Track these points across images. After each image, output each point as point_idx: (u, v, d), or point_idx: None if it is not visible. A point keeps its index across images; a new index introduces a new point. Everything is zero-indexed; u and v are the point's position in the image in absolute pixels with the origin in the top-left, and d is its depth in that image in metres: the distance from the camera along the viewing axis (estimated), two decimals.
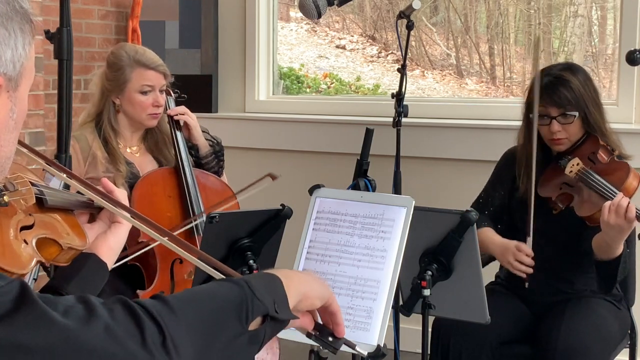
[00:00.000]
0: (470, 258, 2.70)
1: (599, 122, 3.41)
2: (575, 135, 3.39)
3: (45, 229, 1.89)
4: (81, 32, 5.51)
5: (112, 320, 1.27)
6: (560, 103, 3.33)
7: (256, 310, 1.46)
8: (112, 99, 3.71)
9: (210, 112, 5.48)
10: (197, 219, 3.50)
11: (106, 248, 2.07)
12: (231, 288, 1.48)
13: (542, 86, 3.35)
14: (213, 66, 5.60)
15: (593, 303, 3.38)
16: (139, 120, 3.72)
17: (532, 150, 3.35)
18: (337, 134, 5.11)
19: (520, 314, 3.48)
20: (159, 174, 3.70)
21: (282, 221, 2.74)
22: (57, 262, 1.94)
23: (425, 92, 5.88)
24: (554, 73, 3.40)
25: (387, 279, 2.14)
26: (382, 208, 2.24)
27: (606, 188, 3.22)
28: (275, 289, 1.54)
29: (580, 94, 3.35)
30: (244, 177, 4.93)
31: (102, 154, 3.64)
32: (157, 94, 3.70)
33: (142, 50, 3.77)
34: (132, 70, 3.68)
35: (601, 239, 3.18)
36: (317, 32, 6.49)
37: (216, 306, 1.43)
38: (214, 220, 2.60)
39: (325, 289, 1.68)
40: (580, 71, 3.45)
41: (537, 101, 3.31)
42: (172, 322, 1.32)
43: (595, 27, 5.60)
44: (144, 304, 1.33)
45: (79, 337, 1.22)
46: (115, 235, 2.10)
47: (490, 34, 5.87)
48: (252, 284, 1.49)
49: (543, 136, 3.43)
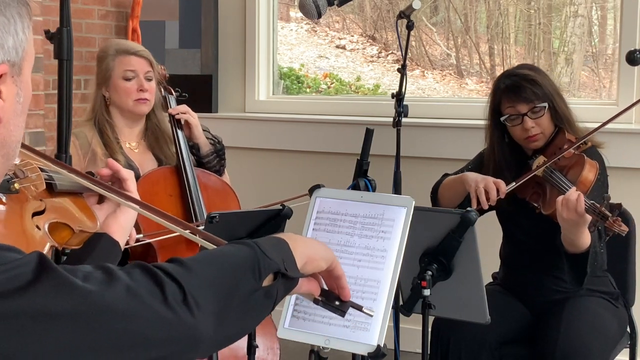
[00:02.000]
0: (471, 258, 2.70)
1: (566, 113, 3.49)
2: (548, 129, 3.45)
3: (57, 214, 1.90)
4: (81, 32, 5.51)
5: (132, 281, 1.30)
6: (528, 98, 3.41)
7: (268, 267, 1.52)
8: (102, 93, 3.74)
9: (210, 112, 5.49)
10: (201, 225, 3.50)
11: (117, 227, 2.10)
12: (242, 249, 1.53)
13: (505, 87, 3.46)
14: (213, 66, 5.61)
15: (591, 302, 3.39)
16: (127, 109, 3.72)
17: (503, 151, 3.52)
18: (337, 134, 5.11)
19: (519, 314, 3.49)
20: (160, 173, 3.70)
21: (282, 221, 2.74)
22: (69, 245, 1.95)
23: (425, 92, 5.88)
24: (514, 73, 3.51)
25: (387, 279, 2.14)
26: (382, 208, 2.24)
27: (563, 184, 3.28)
28: (283, 250, 1.59)
29: (545, 86, 3.43)
30: (244, 178, 4.94)
31: (102, 151, 3.65)
32: (141, 80, 3.71)
33: (125, 41, 3.82)
34: (114, 58, 3.73)
35: (563, 233, 3.21)
36: (317, 32, 6.49)
37: (231, 264, 1.48)
38: (213, 221, 2.60)
39: (329, 252, 1.72)
40: (538, 69, 3.63)
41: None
42: (191, 280, 1.37)
43: (596, 27, 5.60)
44: (162, 266, 1.37)
45: (102, 298, 1.25)
46: (125, 214, 2.13)
47: (491, 34, 5.88)
48: (261, 245, 1.55)
49: (516, 137, 3.50)
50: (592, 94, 5.43)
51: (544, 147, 3.47)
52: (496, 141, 3.55)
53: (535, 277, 3.50)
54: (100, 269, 1.31)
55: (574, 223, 3.09)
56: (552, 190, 3.33)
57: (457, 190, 3.49)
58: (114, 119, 3.75)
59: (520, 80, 3.43)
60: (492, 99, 3.55)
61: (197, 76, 5.61)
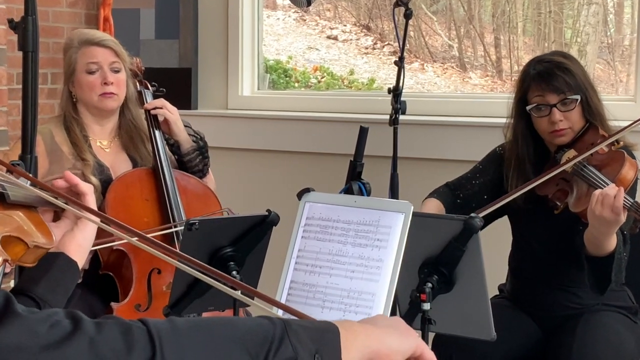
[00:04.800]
0: (474, 269, 2.71)
1: (599, 108, 3.46)
2: (577, 124, 3.41)
3: (9, 227, 1.89)
4: (48, 21, 5.51)
5: (98, 335, 1.28)
6: (559, 88, 3.37)
7: (281, 353, 1.36)
8: (69, 89, 3.74)
9: (190, 109, 5.49)
10: (178, 226, 3.50)
11: (75, 246, 2.09)
12: (261, 322, 1.40)
13: (536, 74, 3.42)
14: (192, 58, 5.61)
15: (607, 317, 3.39)
16: (93, 105, 3.72)
17: (528, 148, 3.48)
18: (328, 132, 5.12)
19: (528, 331, 3.49)
20: (135, 175, 3.70)
21: (268, 228, 2.74)
22: (23, 262, 1.95)
23: (425, 87, 5.90)
24: (546, 59, 3.47)
25: (383, 291, 2.15)
26: (378, 214, 2.24)
27: (599, 180, 3.24)
28: (324, 339, 1.42)
29: (579, 77, 3.40)
30: (226, 181, 4.93)
31: (69, 149, 3.65)
32: (105, 72, 3.70)
33: (89, 30, 3.81)
34: (77, 50, 3.73)
35: (589, 232, 3.18)
36: (307, 22, 6.50)
37: (232, 336, 1.36)
38: (193, 227, 2.60)
39: (409, 341, 1.53)
40: (572, 57, 3.56)
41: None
42: (171, 346, 1.31)
43: (611, 15, 5.62)
44: (148, 321, 1.33)
45: (62, 355, 1.24)
46: (84, 232, 2.12)
47: (496, 23, 5.89)
48: (291, 325, 1.40)
49: (541, 130, 3.47)
50: (608, 88, 5.44)
51: (570, 143, 3.43)
52: (520, 133, 3.52)
53: (547, 290, 3.48)
54: (70, 317, 1.29)
55: (606, 222, 3.05)
56: (581, 186, 3.29)
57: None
58: (82, 117, 3.74)
59: (552, 67, 3.39)
60: (520, 85, 3.50)
61: (174, 69, 5.61)
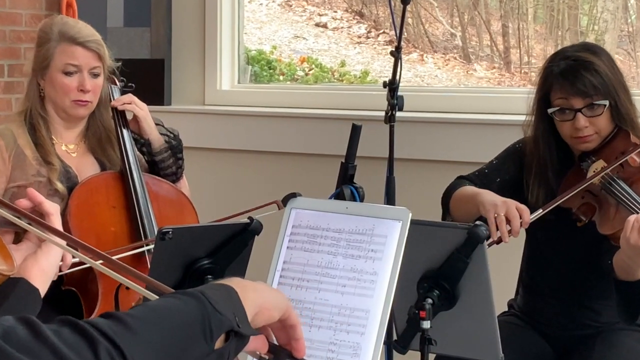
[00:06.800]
0: (480, 283, 2.71)
1: (630, 112, 3.39)
2: (605, 130, 3.36)
3: None
4: (4, 7, 5.50)
5: (59, 341, 1.29)
6: (586, 92, 3.29)
7: (220, 325, 1.52)
8: (38, 81, 3.71)
9: (163, 105, 5.49)
10: (149, 244, 3.48)
11: (37, 271, 2.08)
12: (189, 302, 1.52)
13: (559, 73, 3.35)
14: (166, 49, 5.61)
15: (626, 336, 3.39)
16: (62, 108, 3.70)
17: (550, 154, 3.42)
18: (317, 131, 5.12)
19: (539, 352, 3.49)
20: (101, 180, 3.69)
21: (250, 238, 2.74)
22: None
23: (425, 80, 5.90)
24: (572, 55, 3.37)
25: (378, 308, 2.14)
26: (372, 222, 2.24)
27: (630, 199, 3.19)
28: (234, 302, 1.59)
29: (609, 78, 3.32)
30: (203, 184, 4.92)
31: (32, 154, 3.63)
32: (84, 77, 3.67)
33: (74, 23, 3.76)
34: (56, 45, 3.68)
35: (621, 259, 3.15)
36: (293, 7, 6.51)
37: (178, 323, 1.48)
38: (166, 237, 2.60)
39: (282, 299, 1.72)
40: (602, 51, 3.45)
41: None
42: (133, 343, 1.36)
43: (632, 0, 5.62)
44: (96, 323, 1.36)
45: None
46: (48, 256, 2.11)
47: (504, 9, 5.90)
48: (210, 297, 1.54)
49: (563, 134, 3.42)
50: (628, 81, 5.43)
51: (597, 150, 3.38)
52: (541, 135, 3.47)
53: (563, 307, 3.47)
54: (24, 323, 1.30)
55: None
56: (610, 204, 3.26)
57: (469, 211, 3.37)
58: (49, 115, 3.72)
59: (578, 66, 3.31)
60: (541, 84, 3.44)
61: (145, 61, 5.61)
